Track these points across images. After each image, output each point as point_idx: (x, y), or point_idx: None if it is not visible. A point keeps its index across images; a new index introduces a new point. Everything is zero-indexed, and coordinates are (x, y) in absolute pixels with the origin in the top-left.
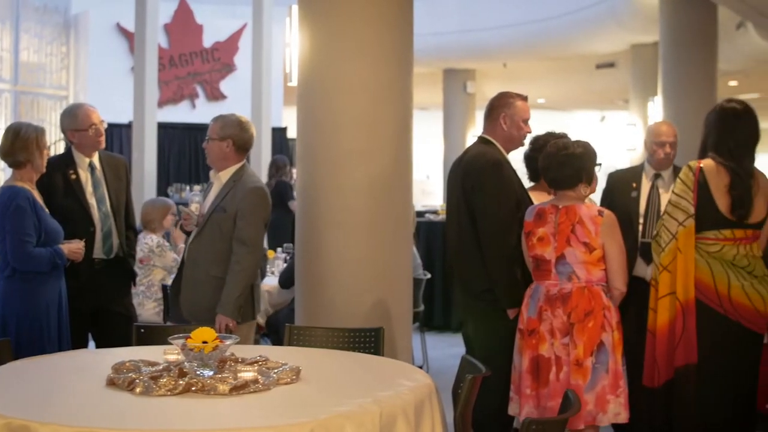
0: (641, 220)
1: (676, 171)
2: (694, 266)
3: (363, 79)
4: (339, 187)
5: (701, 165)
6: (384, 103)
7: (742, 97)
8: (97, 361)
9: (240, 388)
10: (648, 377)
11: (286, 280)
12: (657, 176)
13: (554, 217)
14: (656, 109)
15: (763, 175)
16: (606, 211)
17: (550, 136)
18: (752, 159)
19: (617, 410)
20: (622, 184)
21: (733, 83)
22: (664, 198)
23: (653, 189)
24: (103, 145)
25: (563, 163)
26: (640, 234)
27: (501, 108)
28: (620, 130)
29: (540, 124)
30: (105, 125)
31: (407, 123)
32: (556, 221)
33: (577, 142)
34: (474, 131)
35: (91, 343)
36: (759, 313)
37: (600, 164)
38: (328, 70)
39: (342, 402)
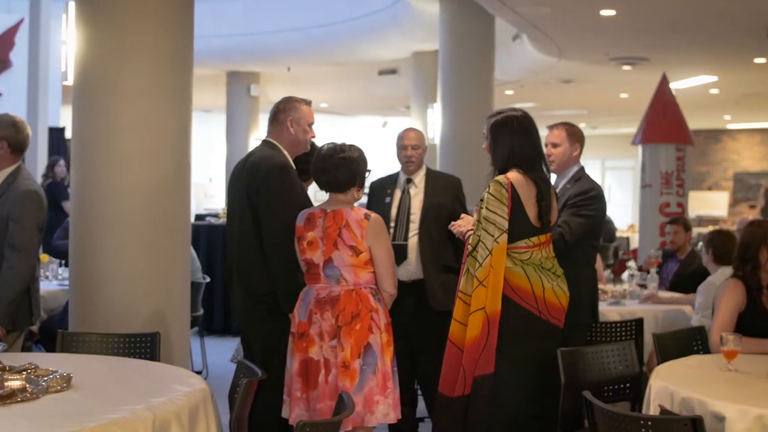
0: (392, 224)
1: (430, 175)
2: (502, 281)
3: (140, 79)
4: (115, 190)
5: (510, 179)
6: (162, 104)
7: (518, 105)
8: None
9: (6, 398)
10: (448, 386)
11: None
12: (408, 181)
13: (322, 221)
14: (435, 116)
15: None
16: (372, 215)
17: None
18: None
19: (386, 411)
20: (380, 191)
21: (509, 92)
22: (415, 202)
23: (404, 194)
24: None
25: (339, 166)
26: (390, 237)
27: (288, 112)
28: None
29: (323, 128)
30: None
31: (186, 125)
32: (324, 225)
33: (352, 146)
34: (257, 134)
35: None
36: (563, 309)
37: (370, 170)
38: (104, 70)
39: (114, 409)
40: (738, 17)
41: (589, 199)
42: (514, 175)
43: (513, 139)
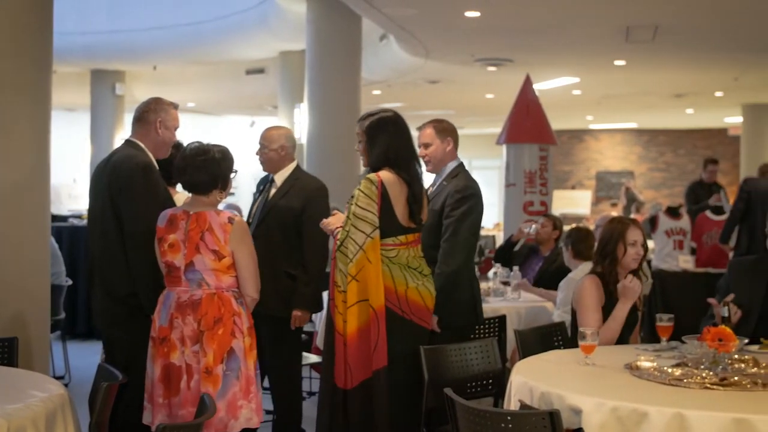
0: (251, 220)
1: (292, 177)
2: (381, 275)
3: None
4: None
5: (381, 177)
6: (19, 103)
7: (386, 106)
8: None
9: None
10: (340, 378)
11: None
12: (272, 181)
13: (185, 223)
14: (302, 116)
15: None
16: (236, 218)
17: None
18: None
19: (249, 415)
20: (258, 189)
21: (377, 92)
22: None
23: (262, 194)
24: None
25: (200, 167)
26: None
27: (158, 113)
28: None
29: (190, 128)
30: None
31: (45, 124)
32: (186, 228)
33: (217, 146)
34: (123, 134)
35: None
36: (428, 309)
37: (236, 171)
38: None
39: None
40: (598, 20)
41: (465, 198)
42: (385, 174)
43: (388, 140)
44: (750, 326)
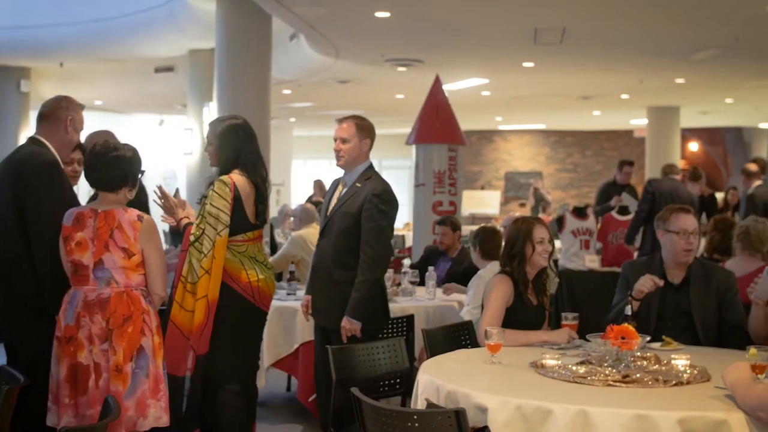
0: None
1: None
2: (222, 270)
3: None
4: None
5: (233, 180)
6: None
7: (296, 105)
8: None
9: None
10: (179, 367)
11: None
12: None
13: (93, 221)
14: (211, 115)
15: None
16: (146, 217)
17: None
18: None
19: (158, 414)
20: None
21: (287, 92)
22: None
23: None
24: None
25: (111, 164)
26: None
27: (70, 111)
28: (178, 135)
29: (97, 126)
30: None
31: None
32: (95, 226)
33: (127, 145)
34: (28, 132)
35: None
36: (271, 298)
37: (144, 171)
38: None
39: None
40: (507, 22)
41: (385, 202)
42: (237, 177)
43: (237, 145)
44: (650, 325)
